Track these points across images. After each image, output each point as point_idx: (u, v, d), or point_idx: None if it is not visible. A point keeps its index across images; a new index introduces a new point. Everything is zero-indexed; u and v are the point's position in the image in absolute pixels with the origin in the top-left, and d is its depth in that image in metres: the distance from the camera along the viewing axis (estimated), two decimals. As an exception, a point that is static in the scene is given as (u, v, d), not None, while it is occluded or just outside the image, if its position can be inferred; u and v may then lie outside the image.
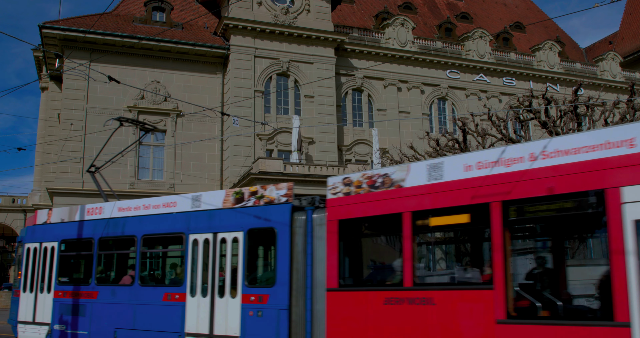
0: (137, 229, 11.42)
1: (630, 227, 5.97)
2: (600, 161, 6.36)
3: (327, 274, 8.64)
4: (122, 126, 13.61)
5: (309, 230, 9.12)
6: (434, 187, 7.73)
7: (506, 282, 6.75)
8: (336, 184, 8.92)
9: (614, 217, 6.11)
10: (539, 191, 6.68)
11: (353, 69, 34.92)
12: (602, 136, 6.44)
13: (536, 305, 6.75)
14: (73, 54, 28.86)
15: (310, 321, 8.80)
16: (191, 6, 35.16)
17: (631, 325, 5.66)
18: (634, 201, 6.00)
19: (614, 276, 5.95)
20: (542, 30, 47.57)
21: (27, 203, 37.91)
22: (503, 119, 20.81)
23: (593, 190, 6.33)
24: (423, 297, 7.50)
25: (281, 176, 26.55)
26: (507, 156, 7.14)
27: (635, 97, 18.60)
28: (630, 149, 6.17)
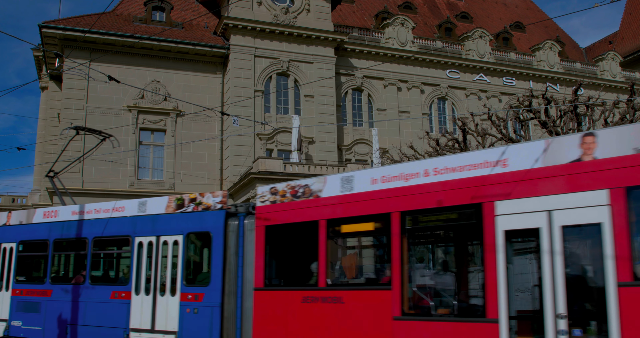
0: (88, 231, 12.27)
1: (501, 236, 6.95)
2: (479, 178, 7.33)
3: (255, 275, 9.53)
4: (78, 134, 14.16)
5: (240, 235, 10.00)
6: (346, 198, 8.63)
7: (402, 283, 7.69)
8: (264, 193, 9.81)
9: (489, 227, 7.07)
10: (430, 204, 7.66)
11: (353, 69, 34.92)
12: (482, 156, 7.41)
13: (429, 304, 7.75)
14: (73, 54, 28.85)
15: (240, 317, 9.72)
16: (191, 6, 35.15)
17: (499, 321, 6.74)
18: (505, 213, 6.99)
19: (487, 279, 6.93)
20: (542, 30, 47.57)
21: (27, 202, 37.87)
22: (503, 119, 20.80)
23: (473, 204, 7.27)
24: (334, 296, 8.40)
25: (281, 175, 26.54)
26: (406, 171, 8.09)
27: (635, 97, 18.60)
28: (503, 169, 7.19)
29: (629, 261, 6.05)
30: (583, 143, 6.78)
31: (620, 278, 6.07)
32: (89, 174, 28.78)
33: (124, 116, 30.01)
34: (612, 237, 6.26)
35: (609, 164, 6.51)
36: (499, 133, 20.31)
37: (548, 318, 6.43)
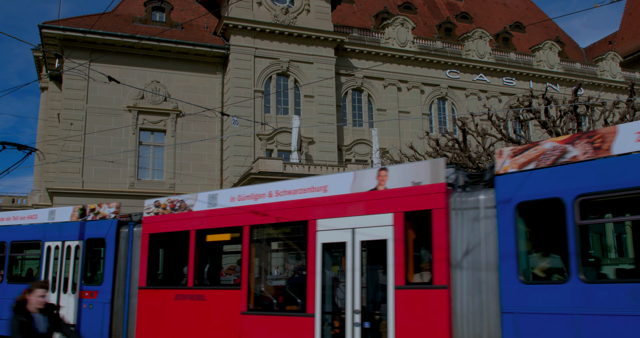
0: (7, 236, 14.10)
1: (320, 248, 8.65)
2: (306, 200, 8.98)
3: (140, 276, 11.14)
4: (4, 149, 14.98)
5: (130, 241, 11.70)
6: (211, 212, 10.31)
7: (249, 285, 9.41)
8: (150, 206, 11.45)
9: (312, 240, 8.74)
10: (272, 219, 9.34)
11: (353, 69, 34.92)
12: (310, 182, 9.11)
13: (269, 301, 9.48)
14: (73, 54, 28.85)
15: (127, 312, 11.41)
16: (191, 6, 35.15)
17: (315, 316, 8.47)
18: (324, 229, 8.66)
19: (308, 282, 8.63)
20: (542, 30, 47.57)
21: (27, 203, 37.86)
22: (503, 119, 20.80)
23: (301, 221, 8.97)
24: (199, 294, 10.10)
25: (281, 176, 26.55)
26: (256, 192, 9.76)
27: (635, 97, 18.60)
28: (324, 193, 8.87)
29: (403, 270, 7.78)
30: (379, 175, 8.43)
31: (396, 283, 7.83)
32: (89, 175, 28.78)
33: (124, 117, 30.01)
34: (393, 250, 7.91)
35: (394, 194, 8.17)
36: (499, 133, 20.31)
37: (348, 313, 8.16)
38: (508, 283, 6.98)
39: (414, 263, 7.97)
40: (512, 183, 7.22)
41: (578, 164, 6.73)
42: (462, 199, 7.66)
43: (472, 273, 7.34)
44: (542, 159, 7.08)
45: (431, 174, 7.90)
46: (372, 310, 8.22)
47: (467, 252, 7.46)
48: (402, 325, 7.62)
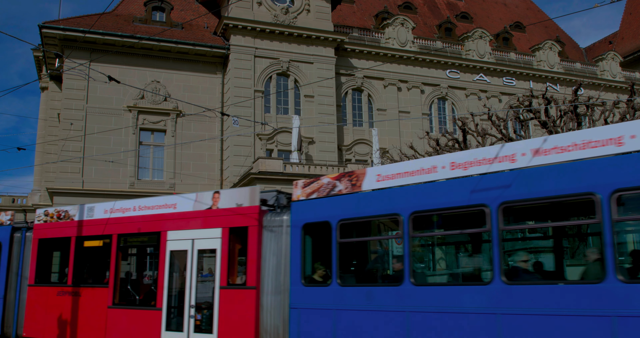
0: None
1: (168, 254, 10.85)
2: (161, 215, 11.16)
3: (29, 275, 13.02)
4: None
5: (22, 244, 13.49)
6: (88, 222, 12.29)
7: (115, 283, 11.42)
8: (40, 214, 13.36)
9: (163, 248, 10.91)
10: (134, 230, 11.45)
11: (353, 69, 34.92)
12: (164, 200, 11.27)
13: (131, 297, 11.58)
14: (73, 54, 28.85)
15: (17, 305, 13.16)
16: (191, 6, 35.15)
17: (162, 309, 10.63)
18: (172, 239, 10.84)
19: (159, 282, 10.79)
20: (542, 30, 47.57)
21: (27, 202, 37.86)
22: (503, 119, 20.81)
23: (156, 231, 11.13)
24: (76, 291, 12.06)
25: (281, 176, 26.56)
26: (123, 206, 11.80)
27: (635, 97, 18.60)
28: (174, 210, 11.03)
29: (226, 273, 9.97)
30: (214, 197, 10.56)
31: (221, 284, 10.01)
32: (89, 175, 28.78)
33: (124, 116, 30.01)
34: (220, 258, 10.10)
35: (222, 212, 10.29)
36: (499, 133, 20.32)
37: (186, 307, 10.31)
38: (295, 285, 9.23)
39: (236, 268, 10.18)
40: (301, 208, 9.48)
41: (340, 196, 9.10)
42: (272, 218, 9.76)
43: (275, 277, 9.53)
44: (320, 191, 9.38)
45: (250, 198, 10.01)
46: (204, 305, 10.25)
47: (272, 261, 9.68)
48: (224, 316, 9.82)
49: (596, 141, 6.73)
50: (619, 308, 6.18)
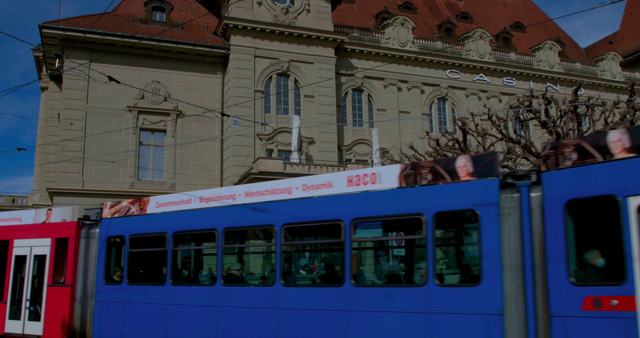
0: None
1: (14, 259, 13.28)
2: (9, 226, 13.70)
3: None
4: None
5: None
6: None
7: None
8: None
9: (10, 253, 13.38)
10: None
11: (353, 69, 34.92)
12: (12, 215, 13.95)
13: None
14: (73, 54, 28.85)
15: None
16: (191, 6, 35.15)
17: (7, 302, 13.12)
18: (17, 246, 13.18)
19: (6, 280, 13.30)
20: (542, 30, 47.57)
21: (27, 203, 37.86)
22: (503, 119, 20.81)
23: (5, 239, 13.56)
24: None
25: (281, 176, 26.56)
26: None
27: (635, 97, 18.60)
28: (19, 222, 13.64)
29: (52, 274, 12.57)
30: (47, 213, 13.20)
31: (48, 282, 12.55)
32: (89, 175, 28.78)
33: (124, 116, 30.01)
34: (49, 262, 12.61)
35: (52, 225, 12.98)
36: (499, 133, 20.32)
37: (23, 301, 12.86)
38: (99, 284, 11.92)
39: (60, 270, 12.48)
40: (107, 225, 12.12)
41: (132, 217, 11.71)
42: (87, 231, 12.52)
43: (87, 277, 12.18)
44: (120, 211, 12.00)
45: (71, 215, 12.76)
46: (36, 299, 12.72)
47: (85, 264, 12.19)
48: (49, 307, 12.43)
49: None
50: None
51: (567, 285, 6.94)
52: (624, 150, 6.86)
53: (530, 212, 7.42)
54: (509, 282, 7.37)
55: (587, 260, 7.08)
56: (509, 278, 7.39)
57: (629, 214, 6.65)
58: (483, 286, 7.43)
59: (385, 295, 8.20)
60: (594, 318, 6.71)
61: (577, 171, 7.13)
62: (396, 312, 8.00)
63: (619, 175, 6.79)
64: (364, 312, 8.29)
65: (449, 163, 8.08)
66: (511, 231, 7.51)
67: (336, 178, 9.10)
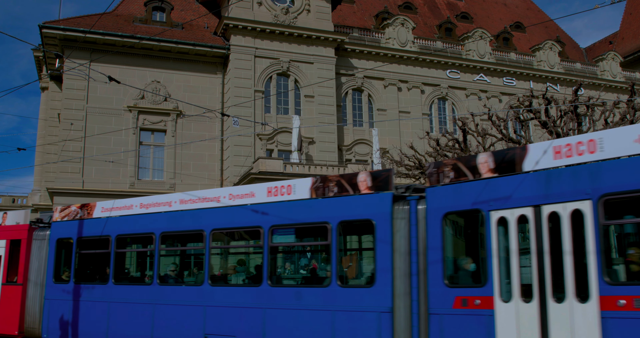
0: None
1: None
2: None
3: None
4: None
5: None
6: None
7: None
8: None
9: None
10: None
11: (353, 69, 34.91)
12: None
13: None
14: (73, 54, 28.84)
15: None
16: (191, 6, 35.14)
17: None
18: None
19: None
20: (542, 30, 47.55)
21: (27, 202, 37.86)
22: (503, 119, 20.81)
23: None
24: None
25: (281, 176, 26.55)
26: None
27: (635, 97, 18.60)
28: None
29: (6, 273, 13.18)
30: (3, 216, 13.96)
31: (2, 281, 13.24)
32: (89, 175, 28.77)
33: (124, 116, 30.01)
34: (3, 262, 13.33)
35: (7, 228, 13.62)
36: (499, 133, 20.32)
37: None
38: (49, 283, 12.62)
39: (14, 270, 13.16)
40: (57, 227, 12.81)
41: (79, 220, 12.52)
42: (39, 234, 13.18)
43: (37, 276, 12.90)
44: (70, 215, 12.75)
45: (24, 218, 13.52)
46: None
47: (36, 264, 12.91)
48: (3, 304, 13.09)
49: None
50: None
51: (442, 287, 7.98)
52: (489, 171, 7.98)
53: (417, 222, 8.43)
54: (398, 284, 8.33)
55: (459, 265, 8.19)
56: (398, 280, 8.35)
57: (490, 226, 7.70)
58: (376, 288, 8.41)
59: (296, 294, 9.18)
60: (461, 315, 7.75)
61: (453, 188, 8.25)
62: (305, 310, 8.95)
63: (484, 192, 7.88)
64: (279, 309, 9.22)
65: (351, 178, 9.09)
66: (401, 239, 8.47)
67: (258, 188, 10.14)
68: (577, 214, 7.09)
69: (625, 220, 7.51)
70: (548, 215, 7.30)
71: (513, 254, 7.53)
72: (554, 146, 7.55)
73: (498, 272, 7.59)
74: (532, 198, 7.43)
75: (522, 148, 7.91)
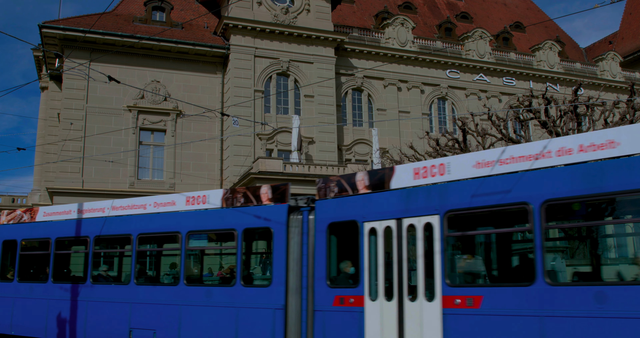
0: None
1: None
2: None
3: None
4: None
5: None
6: None
7: None
8: None
9: None
10: None
11: (353, 69, 34.90)
12: None
13: None
14: (73, 54, 28.84)
15: None
16: (191, 6, 35.14)
17: None
18: None
19: None
20: (542, 30, 47.55)
21: (27, 202, 37.85)
22: (503, 119, 20.82)
23: None
24: None
25: (281, 175, 26.56)
26: None
27: (635, 97, 18.60)
28: None
29: None
30: None
31: None
32: (89, 174, 28.77)
33: (124, 116, 30.00)
34: None
35: None
36: (499, 133, 20.32)
37: None
38: None
39: None
40: (3, 230, 13.72)
41: (24, 224, 13.48)
42: None
43: None
44: (15, 219, 13.69)
45: None
46: None
47: None
48: None
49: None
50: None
51: (325, 287, 9.18)
52: (365, 187, 9.24)
53: (308, 231, 9.60)
54: (290, 285, 9.47)
55: (340, 269, 9.33)
56: (291, 281, 9.49)
57: (364, 235, 8.90)
58: (272, 288, 9.58)
59: (207, 293, 10.32)
60: (339, 312, 8.98)
61: (336, 201, 9.51)
62: (214, 306, 10.11)
63: (360, 206, 9.13)
64: (192, 306, 10.40)
65: (255, 190, 10.28)
66: (295, 245, 9.62)
67: (178, 198, 11.40)
68: (428, 226, 8.24)
69: (463, 232, 8.69)
70: (407, 226, 8.50)
71: (380, 260, 8.74)
72: (414, 168, 8.78)
73: (368, 275, 8.76)
74: (396, 211, 8.64)
75: (390, 169, 9.10)
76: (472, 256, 8.82)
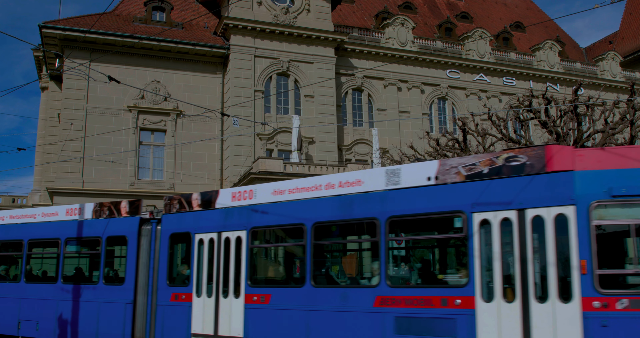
0: None
1: None
2: None
3: None
4: None
5: None
6: None
7: None
8: None
9: None
10: None
11: (353, 69, 34.91)
12: None
13: None
14: (73, 54, 28.84)
15: None
16: (191, 6, 35.14)
17: None
18: None
19: None
20: (542, 30, 47.55)
21: (27, 202, 37.84)
22: (503, 119, 20.82)
23: None
24: None
25: (281, 175, 26.55)
26: None
27: (635, 97, 18.59)
28: None
29: None
30: None
31: None
32: (89, 175, 28.77)
33: (124, 116, 30.00)
34: None
35: None
36: (499, 133, 20.32)
37: None
38: None
39: None
40: None
41: None
42: None
43: None
44: None
45: None
46: None
47: None
48: None
49: None
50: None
51: (166, 286, 11.30)
52: (198, 205, 11.39)
53: (155, 239, 11.68)
54: (139, 283, 11.60)
55: (178, 271, 11.47)
56: (140, 281, 11.60)
57: (195, 244, 11.02)
58: (125, 286, 11.74)
59: (78, 290, 12.41)
60: (174, 306, 11.09)
61: (177, 216, 11.61)
62: (83, 301, 12.28)
63: (192, 220, 11.30)
64: (66, 301, 12.49)
65: (117, 204, 12.44)
66: (144, 251, 11.71)
67: (60, 209, 13.49)
68: (239, 239, 10.38)
69: (262, 244, 10.97)
70: (225, 239, 10.63)
71: (204, 264, 10.82)
72: (232, 192, 10.89)
73: (196, 276, 10.88)
74: (217, 226, 10.78)
75: (216, 192, 11.20)
76: (267, 263, 11.36)
